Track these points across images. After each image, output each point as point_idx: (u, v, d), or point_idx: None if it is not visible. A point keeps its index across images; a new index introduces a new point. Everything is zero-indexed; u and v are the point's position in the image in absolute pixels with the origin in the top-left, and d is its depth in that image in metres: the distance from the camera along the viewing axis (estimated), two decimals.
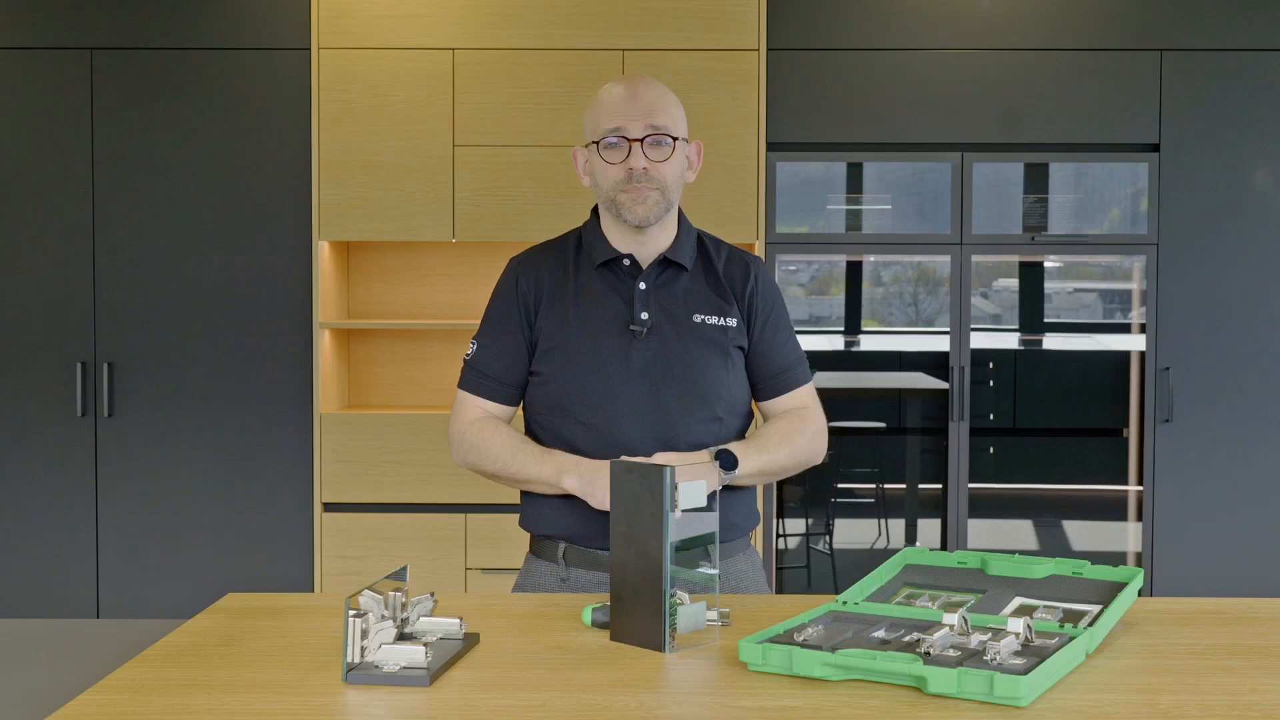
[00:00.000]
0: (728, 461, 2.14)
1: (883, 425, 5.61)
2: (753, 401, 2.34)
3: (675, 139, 2.21)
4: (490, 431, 2.25)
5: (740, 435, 2.30)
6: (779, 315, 2.32)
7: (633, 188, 2.18)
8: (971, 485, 4.99)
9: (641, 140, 2.18)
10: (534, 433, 2.28)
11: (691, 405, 2.20)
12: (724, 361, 2.24)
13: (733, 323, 2.26)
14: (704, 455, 2.14)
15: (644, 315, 2.22)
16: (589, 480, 2.13)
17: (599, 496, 2.11)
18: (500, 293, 2.30)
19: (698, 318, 2.24)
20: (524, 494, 2.30)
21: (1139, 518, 4.98)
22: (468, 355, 2.30)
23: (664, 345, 2.21)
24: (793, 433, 2.27)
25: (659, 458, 2.10)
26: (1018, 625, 1.69)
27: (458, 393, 2.31)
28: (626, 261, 2.25)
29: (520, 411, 2.34)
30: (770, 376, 2.30)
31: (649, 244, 2.26)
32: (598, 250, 2.26)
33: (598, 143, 2.21)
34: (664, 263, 2.26)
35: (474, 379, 2.29)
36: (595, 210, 2.32)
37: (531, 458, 2.20)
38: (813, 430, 2.30)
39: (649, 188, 2.19)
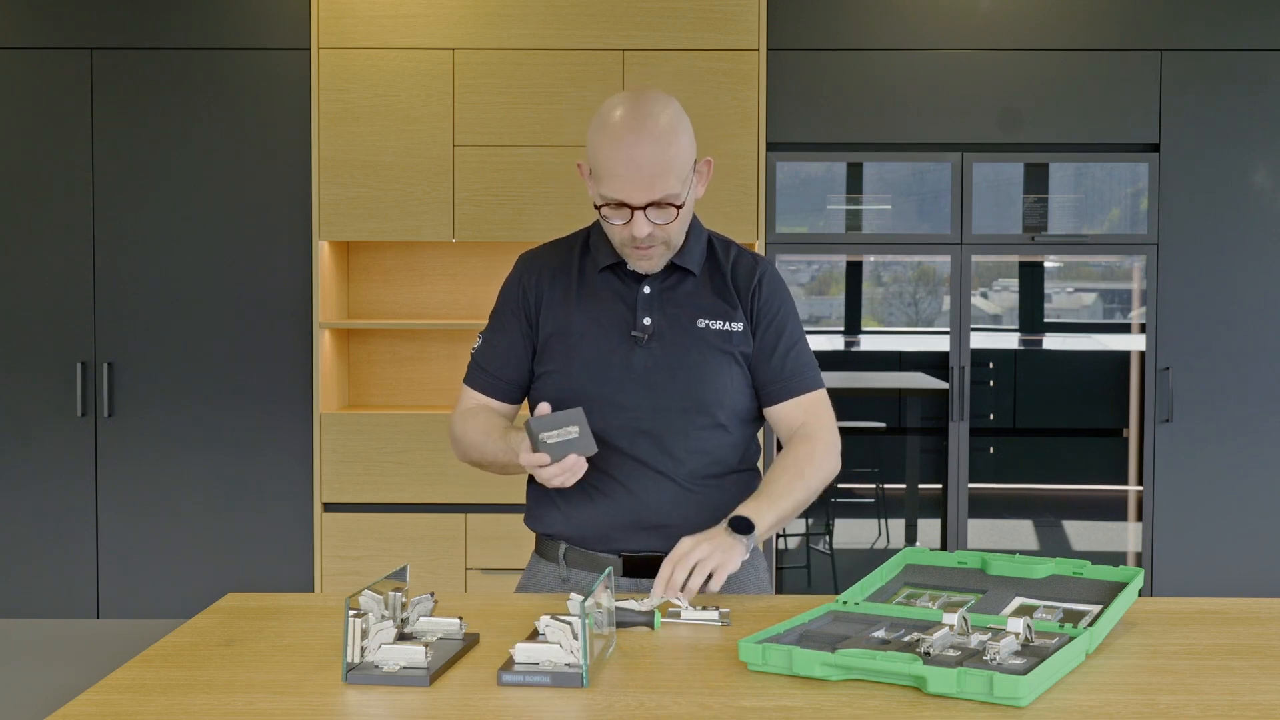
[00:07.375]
0: (742, 526, 2.01)
1: (883, 425, 5.60)
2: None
3: (679, 206, 2.09)
4: (469, 420, 2.23)
5: (749, 441, 2.24)
6: (785, 317, 2.22)
7: (638, 247, 2.12)
8: (971, 485, 4.99)
9: (644, 208, 2.07)
10: None
11: (692, 413, 2.15)
12: (728, 368, 2.18)
13: (738, 327, 2.19)
14: (720, 530, 2.01)
15: (646, 321, 2.17)
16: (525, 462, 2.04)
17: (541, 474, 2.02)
18: (505, 290, 2.28)
19: (701, 323, 2.18)
20: (529, 494, 2.28)
21: (1139, 518, 4.98)
22: (474, 348, 2.30)
23: (666, 351, 2.16)
24: (802, 465, 2.15)
25: (683, 544, 1.98)
26: (1018, 625, 1.69)
27: (461, 387, 2.31)
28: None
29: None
30: (775, 381, 2.20)
31: None
32: (603, 253, 2.21)
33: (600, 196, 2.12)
34: (670, 267, 2.21)
35: (474, 374, 2.28)
36: None
37: (497, 442, 2.16)
38: (821, 450, 2.18)
39: (655, 245, 2.13)
